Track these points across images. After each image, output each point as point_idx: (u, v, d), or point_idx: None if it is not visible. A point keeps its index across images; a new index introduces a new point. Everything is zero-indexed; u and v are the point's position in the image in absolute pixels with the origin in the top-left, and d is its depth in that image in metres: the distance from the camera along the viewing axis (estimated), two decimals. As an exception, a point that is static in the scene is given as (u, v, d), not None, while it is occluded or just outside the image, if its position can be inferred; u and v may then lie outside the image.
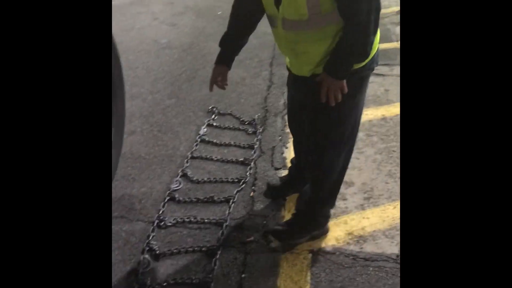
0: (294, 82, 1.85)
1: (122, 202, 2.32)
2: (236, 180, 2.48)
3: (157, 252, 2.03)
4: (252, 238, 2.12)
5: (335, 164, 1.84)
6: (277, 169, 2.57)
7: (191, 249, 2.06)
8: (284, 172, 2.48)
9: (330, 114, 1.66)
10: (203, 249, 2.06)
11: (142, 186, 2.45)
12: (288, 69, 1.88)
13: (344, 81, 1.55)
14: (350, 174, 2.39)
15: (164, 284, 1.89)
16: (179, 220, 2.22)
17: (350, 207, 2.26)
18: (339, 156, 1.81)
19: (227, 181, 2.48)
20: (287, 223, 2.10)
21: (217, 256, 2.01)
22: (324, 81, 1.56)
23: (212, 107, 3.12)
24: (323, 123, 1.73)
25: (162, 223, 2.20)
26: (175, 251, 2.05)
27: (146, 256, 2.01)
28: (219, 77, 1.93)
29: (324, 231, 2.10)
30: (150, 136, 2.85)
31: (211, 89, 1.97)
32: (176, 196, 2.36)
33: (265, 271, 1.95)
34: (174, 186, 2.43)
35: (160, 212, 2.26)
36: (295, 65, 1.75)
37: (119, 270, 1.95)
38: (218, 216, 2.25)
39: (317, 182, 1.94)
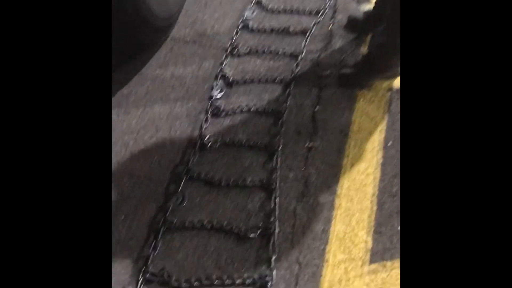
0: None
1: (194, 27, 2.24)
2: (314, 12, 2.29)
3: (230, 79, 2.00)
4: (328, 73, 2.02)
5: None
6: (359, 1, 2.33)
7: (264, 79, 2.01)
8: (367, 6, 2.25)
9: None
10: (277, 80, 2.00)
11: (215, 11, 2.32)
12: None
13: None
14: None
15: (237, 110, 1.89)
16: (253, 49, 2.13)
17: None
18: None
19: (304, 12, 2.30)
20: (357, 66, 1.97)
21: (291, 88, 1.95)
22: None
23: None
24: None
25: (235, 50, 2.12)
26: (248, 79, 2.01)
27: (220, 81, 1.99)
28: None
29: (397, 73, 1.94)
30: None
31: None
32: (250, 24, 2.23)
33: (340, 106, 1.89)
34: (248, 13, 2.29)
35: (233, 39, 2.17)
36: None
37: (192, 92, 1.96)
38: (293, 48, 2.13)
39: (394, 26, 1.70)
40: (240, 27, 2.22)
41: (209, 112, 1.87)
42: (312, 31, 2.19)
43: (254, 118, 1.87)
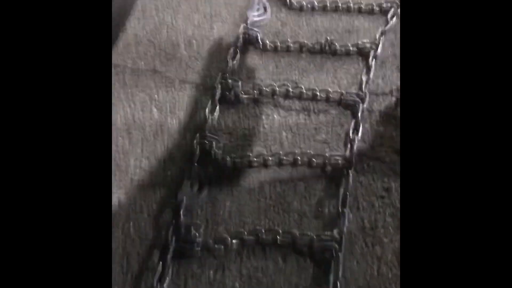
0: None
1: (155, 38, 1.22)
2: (379, 9, 1.27)
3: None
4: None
5: None
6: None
7: (287, 159, 0.98)
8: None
9: None
10: (314, 164, 0.97)
11: (193, 11, 1.29)
12: None
13: None
14: None
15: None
16: (265, 86, 1.10)
17: None
18: None
19: (360, 10, 1.30)
20: None
21: (349, 184, 0.92)
22: None
23: None
24: None
25: (231, 92, 1.09)
26: (255, 162, 0.98)
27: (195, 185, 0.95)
28: None
29: None
30: None
31: None
32: (258, 35, 1.21)
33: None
34: (253, 14, 1.25)
35: (229, 65, 1.15)
36: None
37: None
38: (343, 83, 1.11)
39: None
40: (240, 42, 1.18)
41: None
42: (380, 45, 1.15)
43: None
